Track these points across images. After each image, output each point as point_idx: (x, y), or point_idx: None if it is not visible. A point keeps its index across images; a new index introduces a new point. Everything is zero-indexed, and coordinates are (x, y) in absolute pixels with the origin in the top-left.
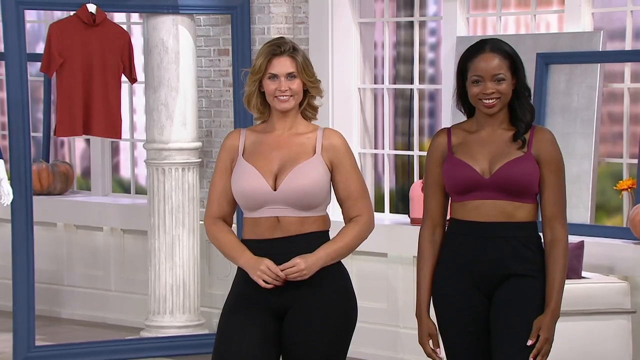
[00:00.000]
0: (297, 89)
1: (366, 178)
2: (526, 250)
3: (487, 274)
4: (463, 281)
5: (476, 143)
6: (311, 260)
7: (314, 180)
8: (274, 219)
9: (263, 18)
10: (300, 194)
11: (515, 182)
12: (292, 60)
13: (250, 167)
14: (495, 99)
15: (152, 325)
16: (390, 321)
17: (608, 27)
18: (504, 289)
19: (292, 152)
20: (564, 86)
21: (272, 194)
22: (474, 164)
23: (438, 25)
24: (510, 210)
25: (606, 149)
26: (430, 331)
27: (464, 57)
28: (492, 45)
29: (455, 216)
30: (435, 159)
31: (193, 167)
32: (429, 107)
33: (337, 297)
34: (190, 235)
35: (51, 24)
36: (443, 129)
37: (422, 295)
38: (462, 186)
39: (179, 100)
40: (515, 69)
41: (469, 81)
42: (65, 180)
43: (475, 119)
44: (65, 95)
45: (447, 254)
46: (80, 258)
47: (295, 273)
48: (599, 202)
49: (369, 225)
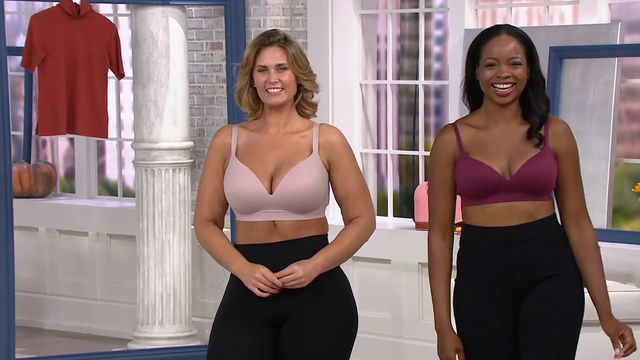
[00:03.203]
0: (288, 81)
1: (368, 179)
2: (553, 247)
3: (514, 280)
4: (488, 293)
5: (491, 141)
6: (309, 267)
7: (312, 182)
8: (270, 223)
9: (258, 9)
10: (298, 197)
11: (537, 180)
12: (283, 51)
13: (244, 169)
14: (510, 85)
15: (141, 336)
16: (393, 332)
17: (626, 18)
18: (534, 301)
19: (288, 152)
20: (579, 82)
21: (268, 197)
22: (493, 165)
23: (445, 17)
24: (532, 210)
25: (624, 148)
26: (457, 345)
27: (477, 41)
28: (509, 29)
29: (470, 222)
30: (444, 159)
31: (184, 168)
32: (435, 104)
33: (336, 305)
34: (181, 240)
35: (32, 16)
36: (448, 125)
37: (441, 308)
38: (481, 189)
39: (169, 97)
40: (531, 57)
41: (482, 66)
42: (47, 182)
43: (484, 111)
44: (48, 91)
45: (467, 265)
46: (63, 265)
47: (293, 281)
48: (616, 206)
49: (369, 226)
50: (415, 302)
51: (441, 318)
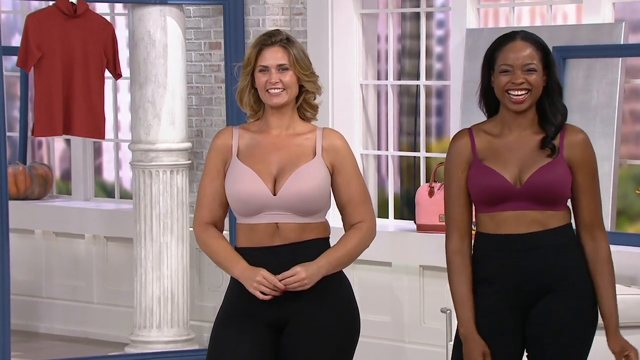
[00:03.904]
0: (289, 82)
1: (369, 181)
2: (565, 257)
3: (523, 289)
4: (497, 302)
5: (504, 148)
6: (312, 269)
7: (316, 184)
8: (273, 226)
9: (258, 9)
10: (302, 199)
11: (547, 190)
12: (285, 51)
13: (247, 170)
14: (525, 92)
15: (138, 340)
16: (395, 335)
17: (630, 18)
18: (543, 314)
19: (291, 154)
20: (583, 82)
21: (271, 199)
22: (504, 172)
23: (446, 16)
24: (542, 219)
25: (628, 149)
26: (484, 349)
27: (492, 47)
28: (524, 35)
29: (482, 230)
30: (459, 164)
31: (182, 170)
32: (436, 105)
33: (338, 309)
34: (179, 243)
35: (28, 15)
36: (463, 130)
37: (464, 312)
38: (491, 196)
39: (167, 98)
40: (548, 63)
41: (497, 72)
42: (43, 184)
43: (500, 119)
44: (44, 91)
45: (477, 274)
46: (59, 268)
47: (296, 283)
48: (620, 208)
49: (371, 232)
50: (417, 305)
51: (466, 322)
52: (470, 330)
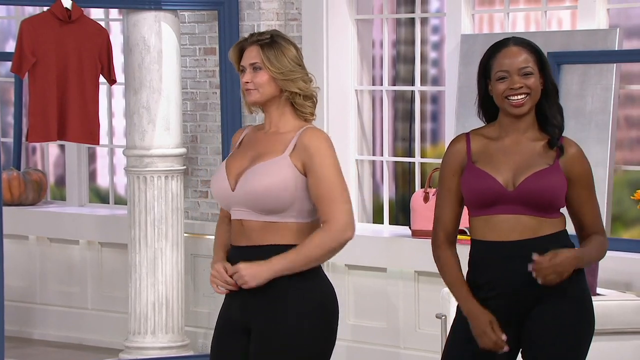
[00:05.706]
0: (260, 82)
1: (363, 187)
2: None
3: (516, 297)
4: (494, 309)
5: (499, 152)
6: (255, 270)
7: (274, 181)
8: (239, 223)
9: (252, 14)
10: (256, 196)
11: (540, 195)
12: (258, 50)
13: (222, 167)
14: (524, 95)
15: (132, 346)
16: (390, 341)
17: (625, 24)
18: (536, 324)
19: (261, 151)
20: (577, 88)
21: (231, 195)
22: (497, 175)
23: (441, 22)
24: (534, 226)
25: (623, 155)
26: (489, 317)
27: (486, 56)
28: (516, 40)
29: (476, 237)
30: (452, 168)
31: (177, 175)
32: (431, 110)
33: (299, 316)
34: (174, 248)
35: (23, 21)
36: (462, 134)
37: (461, 290)
38: (483, 199)
39: (161, 103)
40: (542, 65)
41: (494, 79)
42: (37, 190)
43: (499, 124)
44: (38, 97)
45: (473, 281)
46: (54, 274)
47: (239, 280)
48: (615, 213)
49: (339, 233)
50: (412, 311)
51: (464, 299)
52: (471, 304)
